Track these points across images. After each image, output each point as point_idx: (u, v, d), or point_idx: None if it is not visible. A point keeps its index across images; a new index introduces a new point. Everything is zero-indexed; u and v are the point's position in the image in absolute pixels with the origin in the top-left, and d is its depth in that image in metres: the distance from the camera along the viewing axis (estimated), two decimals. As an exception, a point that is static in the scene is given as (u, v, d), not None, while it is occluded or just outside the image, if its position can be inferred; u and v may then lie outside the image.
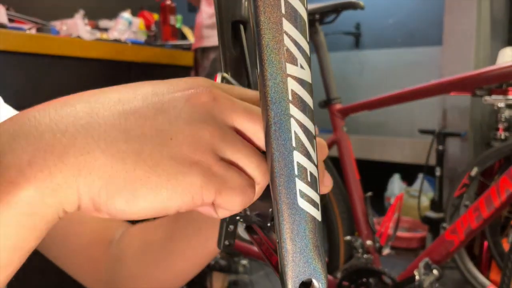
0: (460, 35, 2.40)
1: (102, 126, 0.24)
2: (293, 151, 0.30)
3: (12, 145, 0.23)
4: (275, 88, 0.30)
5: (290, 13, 0.29)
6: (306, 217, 0.31)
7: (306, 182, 0.31)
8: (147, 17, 2.12)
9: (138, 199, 0.24)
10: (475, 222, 1.11)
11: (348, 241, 1.34)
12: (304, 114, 0.30)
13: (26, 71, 1.48)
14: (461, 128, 2.37)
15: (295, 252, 0.31)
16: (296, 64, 0.29)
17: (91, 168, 0.23)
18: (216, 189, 0.27)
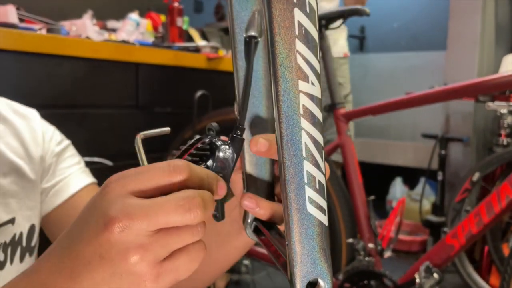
0: (464, 40, 2.41)
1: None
2: (303, 160, 0.33)
3: None
4: (288, 103, 0.32)
5: (303, 34, 0.31)
6: (314, 221, 0.33)
7: (314, 189, 0.33)
8: (155, 18, 2.14)
9: None
10: (475, 227, 1.13)
11: (350, 244, 1.36)
12: (314, 126, 0.33)
13: (36, 71, 1.50)
14: (463, 133, 2.39)
15: (303, 254, 0.34)
16: (307, 81, 0.32)
17: None
18: (174, 279, 0.34)
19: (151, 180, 0.34)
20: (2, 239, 0.61)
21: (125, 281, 0.33)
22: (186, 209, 0.33)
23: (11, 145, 0.66)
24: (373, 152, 3.01)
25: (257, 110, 0.44)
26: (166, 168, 0.34)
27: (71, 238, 0.35)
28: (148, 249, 0.33)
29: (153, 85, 1.84)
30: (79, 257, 0.33)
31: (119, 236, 0.32)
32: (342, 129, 1.44)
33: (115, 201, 0.33)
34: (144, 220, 0.32)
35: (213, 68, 2.00)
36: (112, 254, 0.32)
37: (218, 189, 0.37)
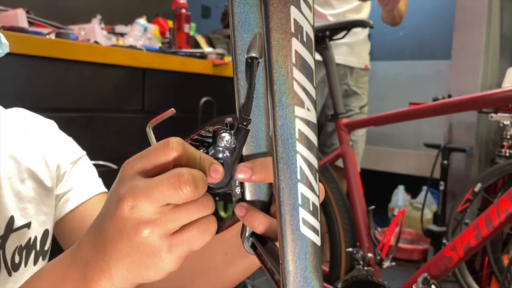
0: (469, 51, 2.42)
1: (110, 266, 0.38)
2: (298, 183, 0.34)
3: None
4: (284, 128, 0.34)
5: (300, 62, 0.33)
6: (307, 242, 0.35)
7: (308, 211, 0.34)
8: (162, 24, 2.16)
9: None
10: (474, 240, 1.14)
11: (350, 253, 1.37)
12: (309, 150, 0.34)
13: (44, 75, 1.53)
14: (466, 143, 2.39)
15: (296, 273, 0.35)
16: (303, 107, 0.33)
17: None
18: (187, 250, 0.38)
19: (150, 159, 0.37)
20: (18, 242, 0.63)
21: (143, 253, 0.37)
22: (177, 186, 0.35)
23: (30, 153, 0.69)
24: (376, 160, 3.01)
25: (256, 128, 0.45)
26: (162, 146, 0.37)
27: (100, 216, 0.40)
28: (157, 224, 0.36)
29: (159, 90, 1.86)
30: (105, 233, 0.38)
31: (129, 213, 0.36)
32: (343, 139, 1.46)
33: (124, 181, 0.37)
34: (145, 199, 0.36)
35: (219, 75, 2.02)
36: (127, 229, 0.36)
37: (211, 172, 0.38)
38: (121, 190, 0.37)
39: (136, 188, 0.36)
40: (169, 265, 0.37)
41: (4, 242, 0.61)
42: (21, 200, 0.65)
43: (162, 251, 0.37)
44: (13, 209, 0.63)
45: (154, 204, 0.36)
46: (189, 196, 0.36)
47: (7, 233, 0.62)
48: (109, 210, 0.38)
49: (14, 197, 0.64)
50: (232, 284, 0.60)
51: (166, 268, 0.37)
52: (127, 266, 0.37)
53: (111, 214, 0.38)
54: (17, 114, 0.72)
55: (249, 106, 0.41)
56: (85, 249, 0.40)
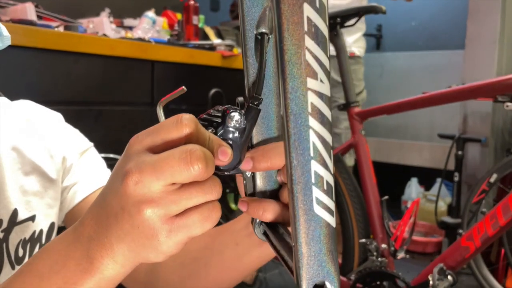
0: (483, 40, 2.37)
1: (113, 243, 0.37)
2: (311, 160, 0.32)
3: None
4: (296, 101, 0.31)
5: (312, 30, 0.30)
6: (321, 223, 0.33)
7: (322, 190, 0.32)
8: (171, 17, 2.15)
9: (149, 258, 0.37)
10: (491, 229, 1.11)
11: (363, 244, 1.35)
12: (322, 125, 0.32)
13: (53, 68, 1.52)
14: (481, 133, 2.35)
15: (310, 255, 0.33)
16: (316, 78, 0.31)
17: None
18: (187, 236, 0.36)
19: (161, 135, 0.36)
20: (22, 235, 0.62)
21: (142, 234, 0.35)
22: (188, 162, 0.34)
23: (35, 145, 0.68)
24: (388, 152, 2.98)
25: (267, 109, 0.43)
26: (174, 121, 0.36)
27: (104, 192, 0.39)
28: (159, 204, 0.35)
29: (168, 83, 1.85)
30: (108, 208, 0.37)
31: (133, 188, 0.35)
32: (356, 128, 1.43)
33: (131, 157, 0.36)
34: (152, 174, 0.34)
35: (228, 66, 2.00)
36: (129, 206, 0.35)
37: (219, 154, 0.37)
38: (127, 165, 0.35)
39: (143, 163, 0.35)
40: (168, 250, 0.36)
41: (8, 235, 0.60)
42: (25, 193, 0.64)
43: (161, 235, 0.35)
44: (17, 202, 0.63)
45: (160, 180, 0.34)
46: (199, 174, 0.34)
47: (11, 226, 0.61)
48: (114, 186, 0.37)
49: (17, 190, 0.63)
50: (246, 274, 0.59)
51: (165, 252, 0.36)
52: (128, 245, 0.36)
53: (115, 189, 0.36)
54: (23, 106, 0.71)
55: (260, 84, 0.39)
56: (88, 225, 0.39)
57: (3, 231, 0.60)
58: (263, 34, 0.40)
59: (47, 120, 0.72)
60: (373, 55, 3.40)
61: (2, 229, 0.60)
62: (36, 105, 0.73)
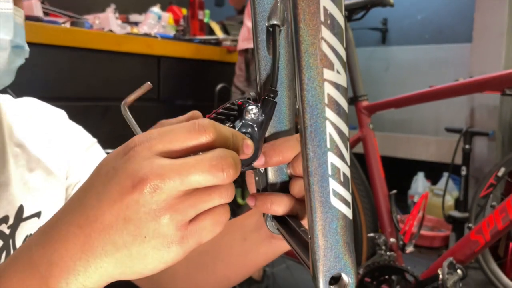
0: (491, 33, 2.35)
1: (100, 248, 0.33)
2: (328, 152, 0.32)
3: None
4: (312, 92, 0.31)
5: (328, 20, 0.30)
6: (338, 214, 0.32)
7: (339, 182, 0.32)
8: (176, 12, 2.15)
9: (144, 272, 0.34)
10: (501, 223, 1.11)
11: (372, 238, 1.35)
12: (339, 116, 0.31)
13: (59, 63, 1.52)
14: (489, 127, 2.33)
15: (327, 247, 0.33)
16: (332, 69, 0.31)
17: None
18: (197, 243, 0.34)
19: (178, 141, 0.33)
20: (28, 232, 0.62)
21: (148, 244, 0.32)
22: (220, 169, 0.32)
23: (39, 142, 0.68)
24: (395, 147, 2.97)
25: (279, 102, 0.42)
26: (192, 128, 0.33)
27: (85, 204, 0.33)
28: (177, 209, 0.32)
29: (174, 78, 1.85)
30: (98, 221, 0.32)
31: (149, 196, 0.31)
32: (364, 122, 1.43)
33: (143, 162, 0.32)
34: (177, 179, 0.31)
35: (234, 61, 2.00)
36: (140, 215, 0.32)
37: (244, 148, 0.35)
38: (140, 171, 0.32)
39: (163, 168, 0.32)
40: (173, 259, 0.33)
41: (14, 231, 0.60)
42: (30, 190, 0.64)
43: (173, 242, 0.32)
44: (23, 198, 0.63)
45: (183, 187, 0.32)
46: (230, 179, 0.33)
47: (17, 222, 0.61)
48: (110, 195, 0.32)
49: (23, 187, 0.63)
50: (252, 270, 0.58)
51: (168, 262, 0.33)
52: (117, 261, 0.32)
53: (113, 199, 0.32)
54: (27, 104, 0.71)
55: (275, 76, 0.39)
56: (51, 248, 0.33)
57: (9, 227, 0.60)
58: (274, 26, 0.39)
59: (51, 117, 0.72)
60: (379, 49, 3.38)
61: (8, 225, 0.60)
62: (40, 102, 0.73)
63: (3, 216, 0.59)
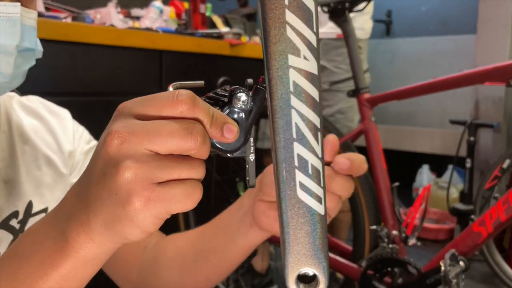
0: (496, 24, 2.33)
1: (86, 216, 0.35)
2: (294, 142, 0.30)
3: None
4: (277, 80, 0.30)
5: (294, 4, 0.29)
6: (306, 209, 0.31)
7: (306, 174, 0.31)
8: (178, 6, 2.14)
9: (123, 233, 0.34)
10: (504, 214, 1.10)
11: (374, 230, 1.34)
12: (306, 106, 0.30)
13: (61, 59, 1.52)
14: (493, 119, 2.32)
15: (294, 243, 0.32)
16: (299, 55, 0.29)
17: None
18: (166, 211, 0.33)
19: (155, 107, 0.34)
20: None
21: (118, 201, 0.32)
22: (188, 133, 0.32)
23: (46, 139, 0.69)
24: (399, 139, 2.96)
25: None
26: (170, 97, 0.34)
27: (88, 165, 0.36)
28: (143, 166, 0.32)
29: (176, 72, 1.85)
30: (89, 178, 0.35)
31: (117, 148, 0.32)
32: (366, 115, 1.42)
33: (119, 120, 0.34)
34: (144, 137, 0.32)
35: (236, 55, 1.99)
36: (110, 168, 0.33)
37: (225, 131, 0.35)
38: (113, 126, 0.33)
39: (134, 124, 0.33)
40: (144, 222, 0.33)
41: (23, 226, 0.62)
42: (38, 186, 0.65)
43: (138, 201, 0.32)
44: (32, 194, 0.64)
45: (152, 144, 0.32)
46: (195, 146, 0.33)
47: (26, 217, 0.62)
48: (96, 152, 0.35)
49: (31, 183, 0.64)
50: (234, 265, 0.59)
51: (141, 226, 0.33)
52: (104, 218, 0.33)
53: (96, 153, 0.34)
54: (32, 102, 0.72)
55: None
56: (68, 203, 0.37)
57: (19, 222, 0.61)
58: None
59: (56, 116, 0.73)
60: (383, 41, 3.36)
61: (18, 220, 0.61)
62: (44, 100, 0.74)
63: (13, 212, 0.61)
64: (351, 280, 1.38)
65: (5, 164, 0.62)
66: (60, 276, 0.36)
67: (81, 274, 0.37)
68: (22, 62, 0.55)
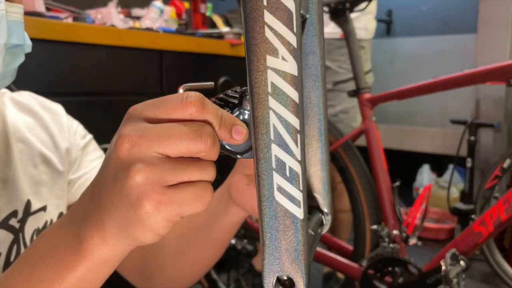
0: (496, 23, 2.33)
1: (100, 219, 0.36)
2: (271, 144, 0.30)
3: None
4: (255, 80, 0.30)
5: (273, 5, 0.28)
6: (283, 212, 0.31)
7: (284, 177, 0.30)
8: (178, 6, 2.14)
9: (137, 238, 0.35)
10: (504, 214, 1.10)
11: (375, 230, 1.35)
12: (285, 107, 0.29)
13: (62, 59, 1.53)
14: (494, 118, 2.32)
15: (271, 246, 0.31)
16: (277, 56, 0.29)
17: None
18: (176, 213, 0.33)
19: (164, 109, 0.34)
20: (36, 225, 0.63)
21: (130, 205, 0.33)
22: (198, 135, 0.32)
23: (41, 137, 0.68)
24: (400, 139, 2.96)
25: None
26: (180, 99, 0.34)
27: (100, 167, 0.37)
28: (154, 169, 0.32)
29: (177, 72, 1.85)
30: (102, 182, 0.35)
31: (128, 152, 0.33)
32: (366, 115, 1.42)
33: (130, 124, 0.34)
34: (154, 140, 0.32)
35: (236, 55, 1.99)
36: (121, 172, 0.33)
37: (233, 133, 0.35)
38: (124, 130, 0.34)
39: (145, 128, 0.33)
40: (155, 225, 0.33)
41: (23, 225, 0.61)
42: (35, 184, 0.65)
43: (149, 204, 0.32)
44: (29, 192, 0.63)
45: (161, 147, 0.32)
46: (205, 149, 0.33)
47: (25, 216, 0.62)
48: (107, 156, 0.35)
49: (29, 181, 0.64)
50: (220, 245, 0.60)
51: (153, 229, 0.33)
52: (117, 221, 0.34)
53: (108, 157, 0.35)
54: (25, 98, 0.71)
55: None
56: (82, 206, 0.37)
57: (19, 221, 0.61)
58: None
59: (49, 111, 0.72)
60: (384, 41, 3.36)
61: (18, 220, 0.61)
62: (37, 96, 0.73)
63: (12, 211, 0.60)
64: (352, 279, 1.38)
65: (1, 163, 0.61)
66: (75, 278, 0.36)
67: (95, 276, 0.37)
68: (11, 60, 0.54)
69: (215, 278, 1.71)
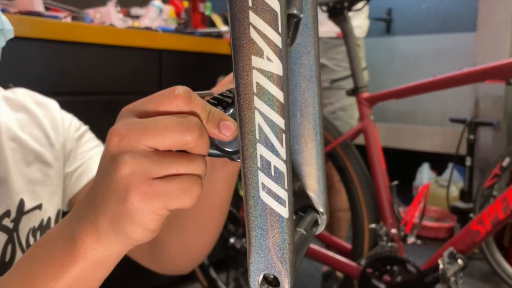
0: (495, 22, 2.32)
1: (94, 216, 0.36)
2: (256, 143, 0.30)
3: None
4: (241, 81, 0.30)
5: (258, 5, 0.28)
6: (267, 211, 0.31)
7: (269, 176, 0.31)
8: (177, 5, 2.14)
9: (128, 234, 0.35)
10: (502, 213, 1.10)
11: (373, 229, 1.35)
12: (270, 107, 0.30)
13: (61, 58, 1.53)
14: (493, 117, 2.31)
15: (256, 245, 0.31)
16: (262, 56, 0.29)
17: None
18: (163, 206, 0.33)
19: (153, 104, 0.35)
20: (31, 224, 0.63)
21: (118, 199, 0.33)
22: (184, 125, 0.33)
23: (34, 134, 0.68)
24: (400, 138, 2.95)
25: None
26: (167, 93, 0.35)
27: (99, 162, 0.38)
28: (141, 161, 0.33)
29: (176, 71, 1.85)
30: (97, 180, 0.36)
31: (116, 146, 0.33)
32: (365, 114, 1.42)
33: (120, 119, 0.35)
34: (142, 132, 0.33)
35: (236, 54, 1.99)
36: (110, 165, 0.34)
37: (222, 128, 0.35)
38: (115, 125, 0.35)
39: (134, 122, 0.34)
40: (142, 219, 0.33)
41: (17, 224, 0.61)
42: (29, 183, 0.65)
43: (135, 196, 0.32)
44: (23, 191, 0.63)
45: (149, 140, 0.33)
46: (192, 140, 0.33)
47: (19, 215, 0.62)
48: (102, 154, 0.36)
49: (22, 180, 0.64)
50: (218, 212, 0.59)
51: (141, 222, 0.33)
52: (109, 217, 0.34)
53: (102, 156, 0.36)
54: (17, 94, 0.71)
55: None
56: (81, 205, 0.38)
57: (12, 221, 0.61)
58: (290, 16, 0.36)
59: (43, 107, 0.72)
60: (383, 40, 3.36)
61: (11, 219, 0.61)
62: (31, 92, 0.73)
63: (5, 211, 0.60)
64: (351, 278, 1.38)
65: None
66: (70, 278, 0.37)
67: (91, 276, 0.38)
68: None
69: (214, 277, 1.71)
